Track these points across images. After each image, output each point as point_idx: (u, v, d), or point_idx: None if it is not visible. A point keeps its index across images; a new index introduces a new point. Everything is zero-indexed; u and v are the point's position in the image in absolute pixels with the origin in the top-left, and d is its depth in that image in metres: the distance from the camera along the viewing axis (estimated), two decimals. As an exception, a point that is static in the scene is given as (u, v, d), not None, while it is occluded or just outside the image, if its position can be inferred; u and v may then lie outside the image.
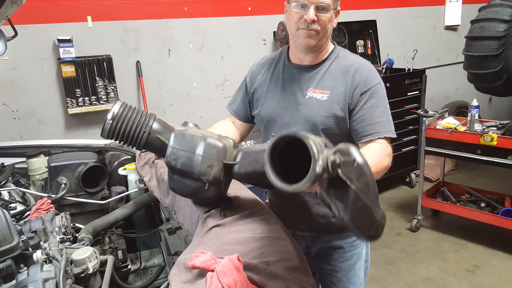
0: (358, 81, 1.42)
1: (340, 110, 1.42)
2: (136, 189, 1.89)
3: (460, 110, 5.01)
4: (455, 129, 3.10)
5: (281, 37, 3.85)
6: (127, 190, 1.94)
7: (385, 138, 1.41)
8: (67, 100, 3.22)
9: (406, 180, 4.41)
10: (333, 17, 1.43)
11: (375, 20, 4.50)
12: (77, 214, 1.87)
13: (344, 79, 1.43)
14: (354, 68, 1.44)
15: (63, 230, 1.47)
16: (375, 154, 1.34)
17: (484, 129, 3.05)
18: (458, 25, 5.36)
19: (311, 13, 1.36)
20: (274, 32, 4.05)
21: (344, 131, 1.45)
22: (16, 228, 1.34)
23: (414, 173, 4.41)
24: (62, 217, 1.53)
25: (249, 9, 3.92)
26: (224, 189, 1.21)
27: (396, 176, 4.29)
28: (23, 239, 1.31)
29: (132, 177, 1.94)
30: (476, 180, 4.33)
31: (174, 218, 1.62)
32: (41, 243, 1.34)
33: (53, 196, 1.73)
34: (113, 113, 1.18)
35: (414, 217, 3.50)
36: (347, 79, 1.43)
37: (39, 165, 2.03)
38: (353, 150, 0.79)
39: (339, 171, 0.79)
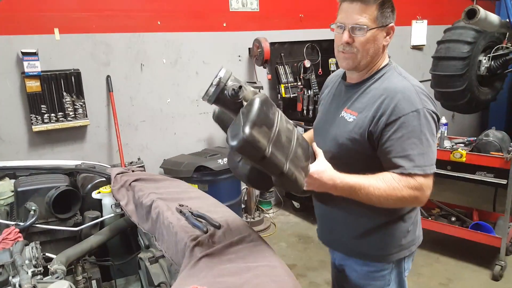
0: (385, 108, 1.29)
1: (359, 135, 1.33)
2: (112, 214, 1.78)
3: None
4: (426, 145, 3.18)
5: (256, 54, 3.85)
6: (102, 215, 1.82)
7: (415, 174, 1.25)
8: (31, 116, 3.04)
9: (378, 195, 4.47)
10: (379, 35, 1.33)
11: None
12: (47, 242, 1.73)
13: (375, 104, 1.32)
14: (387, 93, 1.31)
15: (33, 262, 1.35)
16: (389, 181, 1.24)
17: (453, 145, 3.16)
18: (424, 45, 5.60)
19: (344, 36, 1.31)
20: (249, 48, 4.05)
21: (365, 155, 1.34)
22: (-20, 263, 1.21)
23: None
24: (32, 248, 1.41)
25: (224, 25, 3.90)
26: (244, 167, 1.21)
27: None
28: (-11, 275, 1.19)
29: (107, 201, 1.83)
30: (443, 194, 4.46)
31: (155, 245, 1.53)
32: (10, 278, 1.22)
33: (21, 224, 1.59)
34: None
35: (388, 232, 3.54)
36: (377, 104, 1.31)
37: (3, 189, 1.88)
38: (256, 96, 1.08)
39: (244, 102, 1.10)
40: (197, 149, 3.86)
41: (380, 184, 1.24)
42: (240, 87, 1.09)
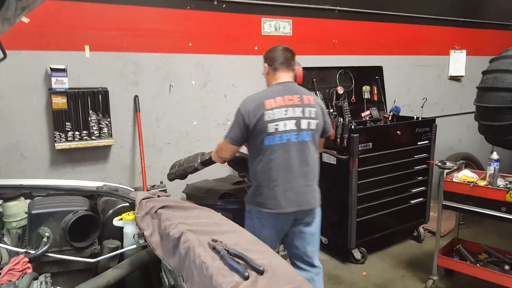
0: None
1: None
2: (134, 246, 1.57)
3: (465, 162, 4.86)
4: (476, 183, 2.88)
5: (288, 78, 3.69)
6: (122, 246, 1.62)
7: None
8: (55, 134, 2.92)
9: (414, 234, 4.13)
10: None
11: (381, 67, 4.42)
12: (59, 274, 1.52)
13: None
14: None
15: (41, 301, 1.15)
16: None
17: (507, 184, 2.84)
18: (462, 76, 5.35)
19: None
20: (280, 72, 3.90)
21: None
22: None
23: (423, 227, 4.15)
24: (41, 283, 1.21)
25: (256, 48, 3.78)
26: None
27: (403, 230, 4.02)
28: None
29: (129, 230, 1.63)
30: (486, 237, 4.09)
31: (182, 287, 1.30)
32: (11, 322, 1.02)
33: (32, 252, 1.40)
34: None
35: (429, 277, 3.18)
36: None
37: (17, 210, 1.70)
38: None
39: None
40: (221, 175, 3.66)
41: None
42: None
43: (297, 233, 2.40)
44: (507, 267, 2.98)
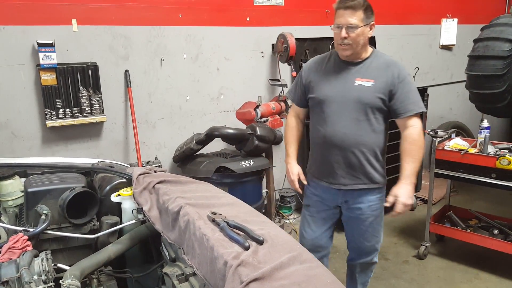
0: (395, 74, 1.95)
1: (382, 94, 1.97)
2: (133, 221, 1.58)
3: (456, 130, 4.91)
4: (467, 151, 2.93)
5: (281, 50, 3.64)
6: (121, 222, 1.62)
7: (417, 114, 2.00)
8: (45, 111, 2.87)
9: (406, 202, 4.22)
10: (365, 30, 1.94)
11: (374, 37, 4.37)
12: (59, 251, 1.53)
13: (385, 73, 1.97)
14: (391, 65, 1.99)
15: (43, 277, 1.16)
16: (411, 146, 2.11)
17: (497, 151, 2.90)
18: (453, 45, 5.32)
19: (342, 33, 1.91)
20: (272, 44, 3.84)
21: (386, 107, 2.01)
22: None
23: (415, 195, 4.23)
24: (42, 260, 1.21)
25: (248, 19, 3.70)
26: None
27: (396, 198, 4.09)
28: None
29: (128, 205, 1.63)
30: (476, 203, 4.19)
31: (183, 260, 1.32)
32: (15, 298, 1.03)
33: (31, 230, 1.40)
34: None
35: (422, 243, 3.28)
36: (387, 73, 1.96)
37: (12, 189, 1.69)
38: None
39: None
40: (215, 149, 3.66)
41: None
42: None
43: None
44: (496, 231, 3.08)
